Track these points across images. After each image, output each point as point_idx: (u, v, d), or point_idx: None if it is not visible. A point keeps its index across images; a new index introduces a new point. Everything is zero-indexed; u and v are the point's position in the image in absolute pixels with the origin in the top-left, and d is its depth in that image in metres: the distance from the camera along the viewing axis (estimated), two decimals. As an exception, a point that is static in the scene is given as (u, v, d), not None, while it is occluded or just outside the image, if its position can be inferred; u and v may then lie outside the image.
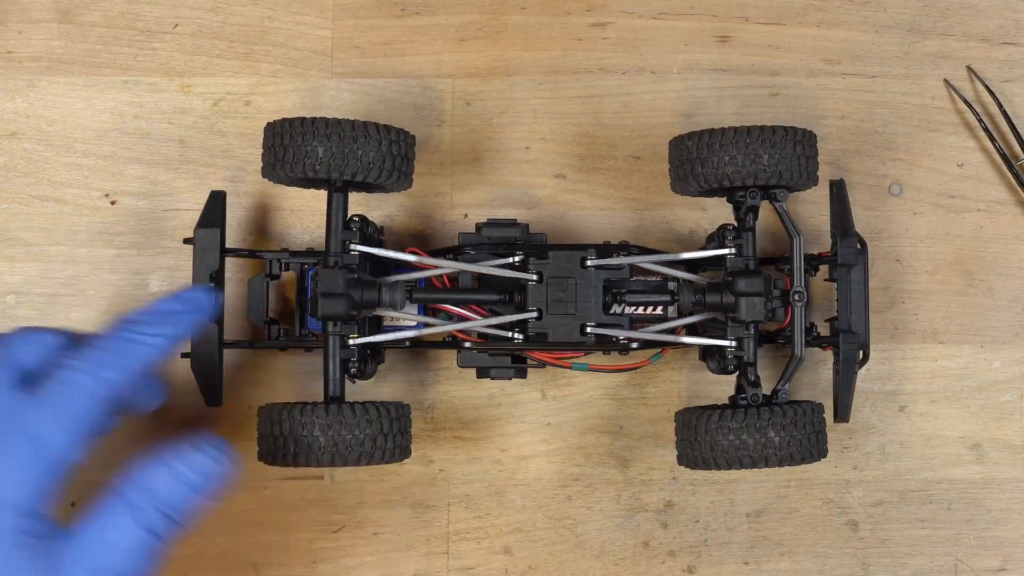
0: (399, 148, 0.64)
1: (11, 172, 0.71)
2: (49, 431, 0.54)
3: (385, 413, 0.62)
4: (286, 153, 0.62)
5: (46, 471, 0.54)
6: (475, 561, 0.70)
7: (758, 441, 0.62)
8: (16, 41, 0.72)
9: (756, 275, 0.64)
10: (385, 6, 0.72)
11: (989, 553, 0.70)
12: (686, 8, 0.73)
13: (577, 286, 0.64)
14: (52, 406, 0.54)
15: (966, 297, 0.71)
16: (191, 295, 0.60)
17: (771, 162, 0.63)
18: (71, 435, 0.54)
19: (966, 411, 0.71)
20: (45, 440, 0.54)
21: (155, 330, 0.57)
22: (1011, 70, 0.73)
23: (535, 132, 0.72)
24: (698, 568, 0.70)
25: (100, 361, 0.56)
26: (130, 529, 0.54)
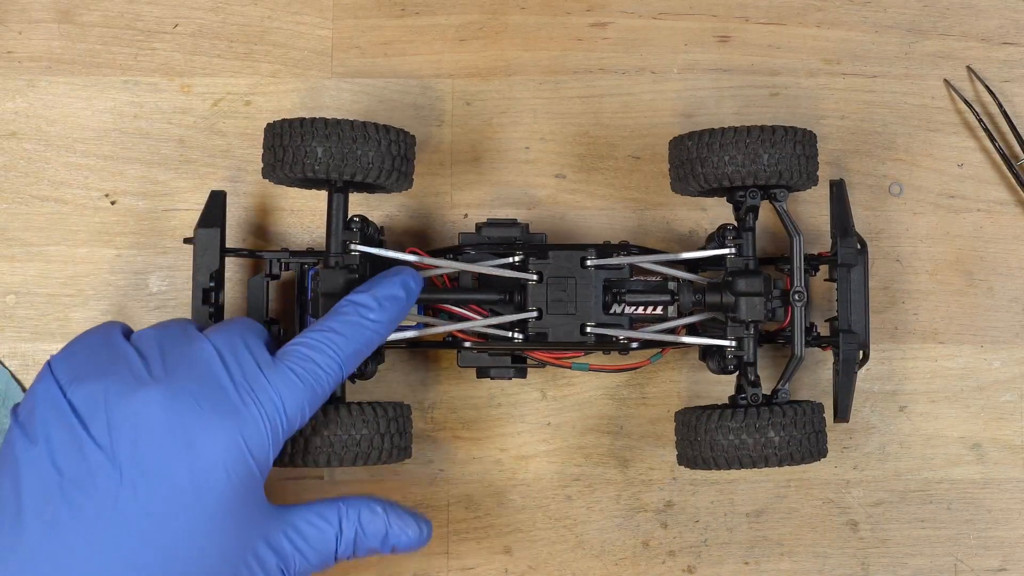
0: (398, 148, 0.64)
1: (11, 172, 0.71)
2: (290, 400, 0.56)
3: (382, 413, 0.62)
4: (285, 154, 0.62)
5: (281, 441, 0.57)
6: (475, 561, 0.70)
7: (758, 441, 0.62)
8: (16, 41, 0.72)
9: (756, 275, 0.64)
10: (385, 6, 0.72)
11: (989, 553, 0.70)
12: (686, 8, 0.73)
13: (577, 286, 0.64)
14: (298, 378, 0.57)
15: (966, 297, 0.71)
16: (406, 280, 0.61)
17: (771, 162, 0.63)
18: (305, 409, 0.57)
19: (966, 411, 0.71)
20: (285, 408, 0.56)
21: (379, 315, 0.60)
22: (1011, 70, 0.73)
23: (535, 132, 0.72)
24: (698, 568, 0.70)
25: (337, 341, 0.58)
26: (326, 548, 0.59)
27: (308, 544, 0.58)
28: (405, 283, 0.61)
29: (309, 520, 0.58)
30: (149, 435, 0.54)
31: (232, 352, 0.57)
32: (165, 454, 0.54)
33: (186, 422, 0.54)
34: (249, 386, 0.56)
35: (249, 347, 0.58)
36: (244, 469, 0.55)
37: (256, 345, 0.58)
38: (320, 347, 0.58)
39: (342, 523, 0.59)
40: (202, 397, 0.55)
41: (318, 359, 0.58)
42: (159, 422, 0.54)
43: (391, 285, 0.61)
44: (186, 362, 0.56)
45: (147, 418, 0.54)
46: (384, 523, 0.59)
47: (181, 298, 0.70)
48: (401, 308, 0.61)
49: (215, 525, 0.54)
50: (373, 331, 0.60)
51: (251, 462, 0.55)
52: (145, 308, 0.70)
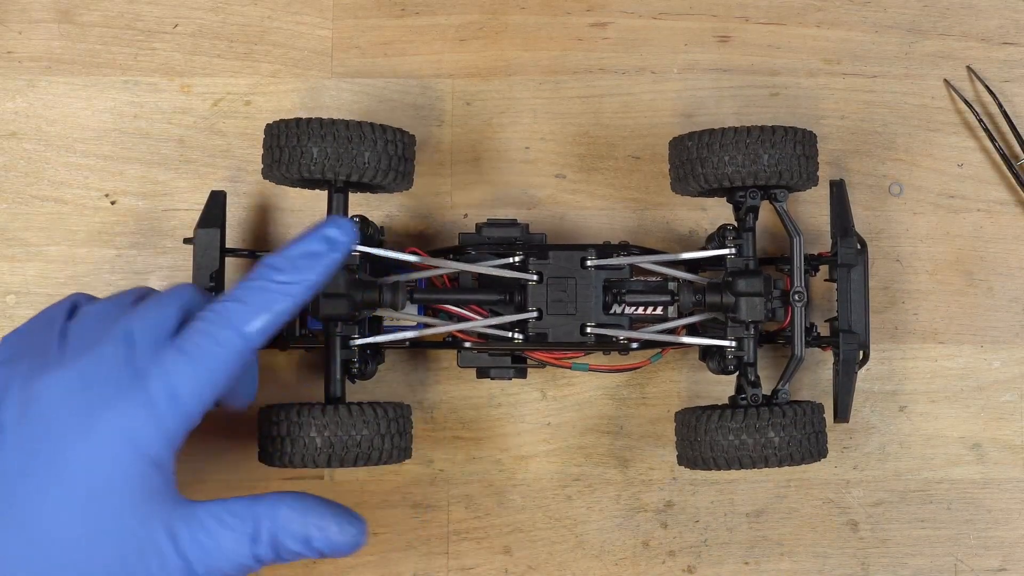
0: (396, 148, 0.64)
1: (11, 172, 0.71)
2: (181, 383, 0.52)
3: (383, 414, 0.62)
4: (283, 154, 0.62)
5: (178, 426, 0.52)
6: (475, 561, 0.70)
7: (758, 441, 0.62)
8: (16, 41, 0.72)
9: (756, 275, 0.64)
10: (385, 6, 0.72)
11: (989, 553, 0.70)
12: (686, 8, 0.73)
13: (577, 286, 0.64)
14: (189, 357, 0.52)
15: (966, 297, 0.72)
16: (326, 232, 0.55)
17: (771, 162, 0.63)
18: (204, 391, 0.53)
19: (966, 411, 0.71)
20: (181, 393, 0.52)
21: (291, 276, 0.54)
22: (1011, 70, 0.73)
23: (535, 132, 0.72)
24: (698, 568, 0.70)
25: (237, 311, 0.53)
26: (241, 550, 0.53)
27: (218, 545, 0.52)
28: (325, 236, 0.55)
29: (220, 519, 0.53)
30: (41, 422, 0.51)
31: (142, 332, 0.53)
32: (54, 442, 0.51)
33: (74, 410, 0.51)
34: (137, 371, 0.52)
35: (159, 325, 0.54)
36: (134, 459, 0.51)
37: (167, 321, 0.54)
38: (217, 320, 0.53)
39: (258, 524, 0.53)
40: (95, 383, 0.52)
41: (215, 333, 0.53)
42: (51, 409, 0.52)
43: (307, 240, 0.55)
44: (98, 345, 0.53)
45: (41, 405, 0.52)
46: (303, 524, 0.54)
47: (181, 298, 0.70)
48: (323, 264, 0.55)
49: (108, 518, 0.51)
50: (282, 294, 0.54)
51: (142, 451, 0.51)
52: (145, 308, 0.70)
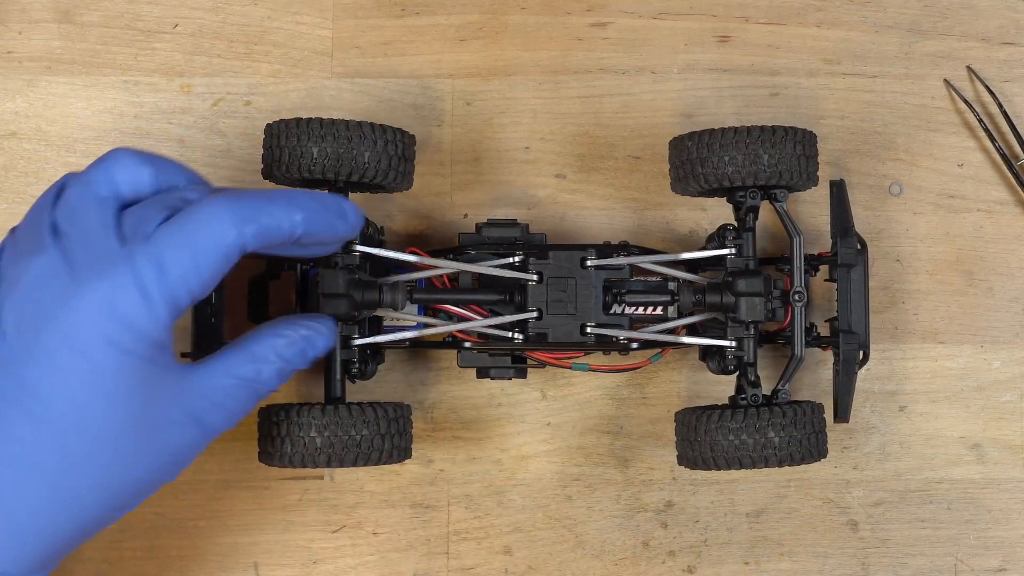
0: (396, 148, 0.64)
1: (11, 172, 0.71)
2: (175, 265, 0.52)
3: (383, 414, 0.62)
4: (283, 154, 0.62)
5: (165, 302, 0.52)
6: (475, 561, 0.70)
7: (758, 441, 0.62)
8: (16, 41, 0.72)
9: (756, 275, 0.64)
10: (385, 6, 0.72)
11: (989, 553, 0.70)
12: (686, 8, 0.73)
13: (577, 286, 0.64)
14: (178, 240, 0.52)
15: (966, 297, 0.72)
16: (343, 208, 0.58)
17: (771, 162, 0.63)
18: (191, 274, 0.52)
19: (966, 411, 0.71)
20: (169, 271, 0.52)
21: (291, 210, 0.55)
22: (1011, 70, 0.73)
23: (535, 132, 0.72)
24: (698, 568, 0.70)
25: (233, 208, 0.53)
26: (248, 395, 0.56)
27: (228, 398, 0.55)
28: (342, 209, 0.58)
29: (226, 374, 0.55)
30: (31, 311, 0.51)
31: (132, 210, 0.54)
32: (43, 331, 0.51)
33: (58, 293, 0.51)
34: (120, 245, 0.52)
35: (152, 203, 0.54)
36: (123, 336, 0.51)
37: (160, 200, 0.54)
38: (211, 212, 0.53)
39: (260, 367, 0.56)
40: (75, 264, 0.52)
41: (205, 211, 0.53)
42: (37, 295, 0.52)
43: (325, 197, 0.57)
44: (85, 225, 0.53)
45: (29, 292, 0.52)
46: (301, 344, 0.58)
47: (181, 298, 0.70)
48: (326, 222, 0.56)
49: (111, 399, 0.52)
50: (277, 216, 0.54)
51: (128, 327, 0.51)
52: (145, 308, 0.70)
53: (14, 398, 0.52)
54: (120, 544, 0.69)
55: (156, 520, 0.69)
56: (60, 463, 0.52)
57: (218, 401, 0.55)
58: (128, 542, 0.69)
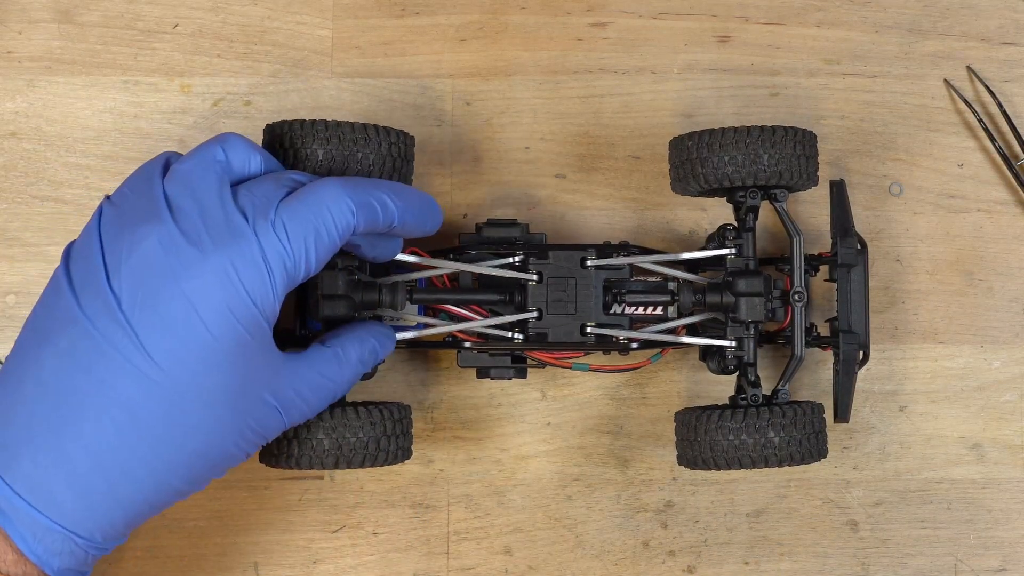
0: (399, 150, 0.64)
1: (11, 172, 0.71)
2: (293, 233, 0.54)
3: (388, 415, 0.62)
4: (286, 155, 0.62)
5: (274, 276, 0.54)
6: (475, 561, 0.70)
7: (758, 441, 0.62)
8: (16, 41, 0.72)
9: (756, 275, 0.64)
10: (385, 6, 0.72)
11: (989, 553, 0.70)
12: (686, 8, 0.73)
13: (577, 286, 0.64)
14: (298, 219, 0.55)
15: (966, 297, 0.72)
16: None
17: (771, 162, 0.63)
18: (306, 246, 0.55)
19: (966, 411, 0.71)
20: (289, 240, 0.54)
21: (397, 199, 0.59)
22: (1011, 70, 0.73)
23: (535, 132, 0.72)
24: (698, 568, 0.70)
25: (346, 187, 0.57)
26: (336, 389, 0.59)
27: (311, 393, 0.58)
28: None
29: (314, 369, 0.58)
30: (150, 277, 0.53)
31: (248, 187, 0.55)
32: (163, 296, 0.52)
33: (181, 261, 0.53)
34: (244, 219, 0.54)
35: (267, 183, 0.56)
36: (241, 307, 0.53)
37: (275, 179, 0.56)
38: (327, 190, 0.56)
39: (343, 370, 0.59)
40: (198, 235, 0.53)
41: (326, 191, 0.56)
42: (157, 262, 0.53)
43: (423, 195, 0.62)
44: (203, 199, 0.54)
45: (148, 259, 0.53)
46: (376, 351, 0.61)
47: (181, 298, 0.70)
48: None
49: (222, 368, 0.53)
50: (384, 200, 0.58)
51: (247, 298, 0.53)
52: (145, 308, 0.70)
53: (128, 361, 0.52)
54: (120, 544, 0.69)
55: (156, 520, 0.69)
56: (166, 429, 0.53)
57: (303, 394, 0.57)
58: (128, 542, 0.69)
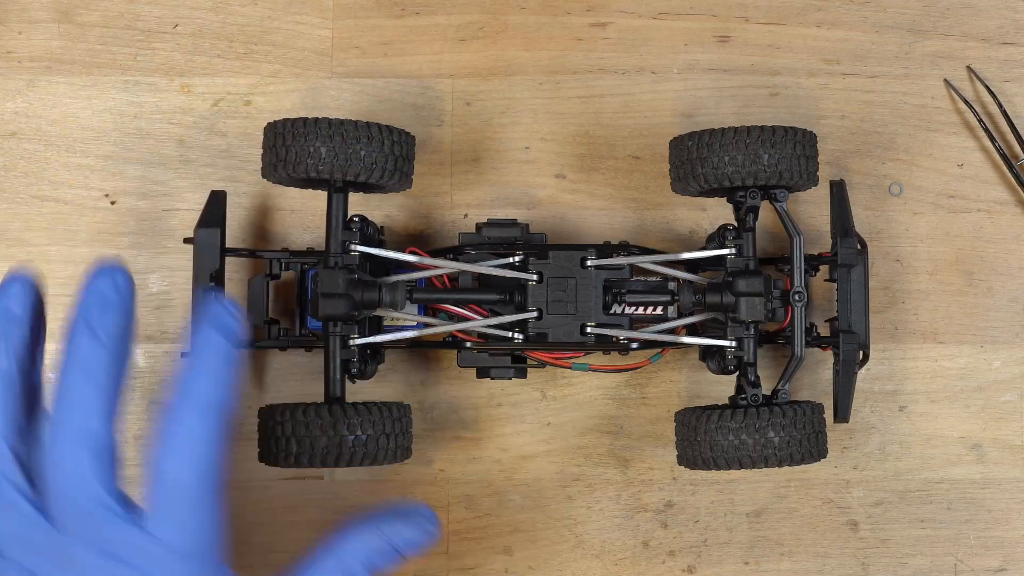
0: (400, 149, 0.64)
1: (11, 172, 0.71)
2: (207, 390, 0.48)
3: (387, 414, 0.62)
4: (288, 153, 0.62)
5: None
6: (475, 561, 0.70)
7: (758, 441, 0.62)
8: (16, 41, 0.72)
9: (756, 275, 0.64)
10: (385, 6, 0.72)
11: (989, 553, 0.70)
12: (686, 8, 0.73)
13: (577, 286, 0.64)
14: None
15: (966, 297, 0.72)
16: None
17: (771, 162, 0.63)
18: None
19: (966, 411, 0.71)
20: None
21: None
22: (1011, 70, 0.73)
23: (535, 132, 0.72)
24: (698, 568, 0.70)
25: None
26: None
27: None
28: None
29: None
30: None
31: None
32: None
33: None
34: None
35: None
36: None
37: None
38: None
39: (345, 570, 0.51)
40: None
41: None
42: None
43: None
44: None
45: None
46: (391, 548, 0.52)
47: (181, 298, 0.70)
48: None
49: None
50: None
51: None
52: (145, 308, 0.70)
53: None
54: None
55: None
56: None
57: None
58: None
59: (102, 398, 0.47)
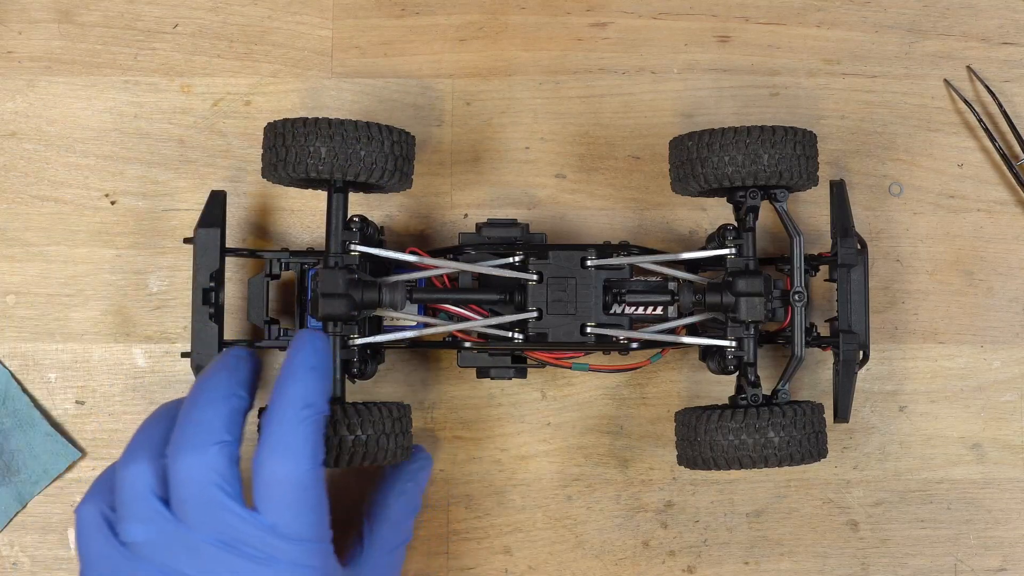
0: (400, 149, 0.64)
1: (11, 172, 0.71)
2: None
3: (387, 413, 0.62)
4: (288, 153, 0.62)
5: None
6: (475, 561, 0.70)
7: (758, 441, 0.62)
8: (16, 41, 0.72)
9: (756, 275, 0.64)
10: (385, 6, 0.72)
11: (989, 553, 0.70)
12: (686, 8, 0.73)
13: (577, 286, 0.64)
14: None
15: (966, 297, 0.72)
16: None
17: (771, 162, 0.63)
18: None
19: (966, 411, 0.71)
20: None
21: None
22: (1011, 70, 0.73)
23: (535, 132, 0.72)
24: (698, 568, 0.70)
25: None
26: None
27: (392, 570, 0.65)
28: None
29: (385, 551, 0.64)
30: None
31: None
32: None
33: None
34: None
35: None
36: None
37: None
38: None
39: (405, 536, 0.65)
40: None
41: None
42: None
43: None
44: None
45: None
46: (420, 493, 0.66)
47: (181, 298, 0.70)
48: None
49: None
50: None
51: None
52: (145, 308, 0.70)
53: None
54: None
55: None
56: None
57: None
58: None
59: (223, 415, 0.57)
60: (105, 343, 0.70)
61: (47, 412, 0.70)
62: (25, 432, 0.69)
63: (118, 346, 0.70)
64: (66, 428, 0.70)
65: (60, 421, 0.70)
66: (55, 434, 0.69)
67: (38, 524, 0.69)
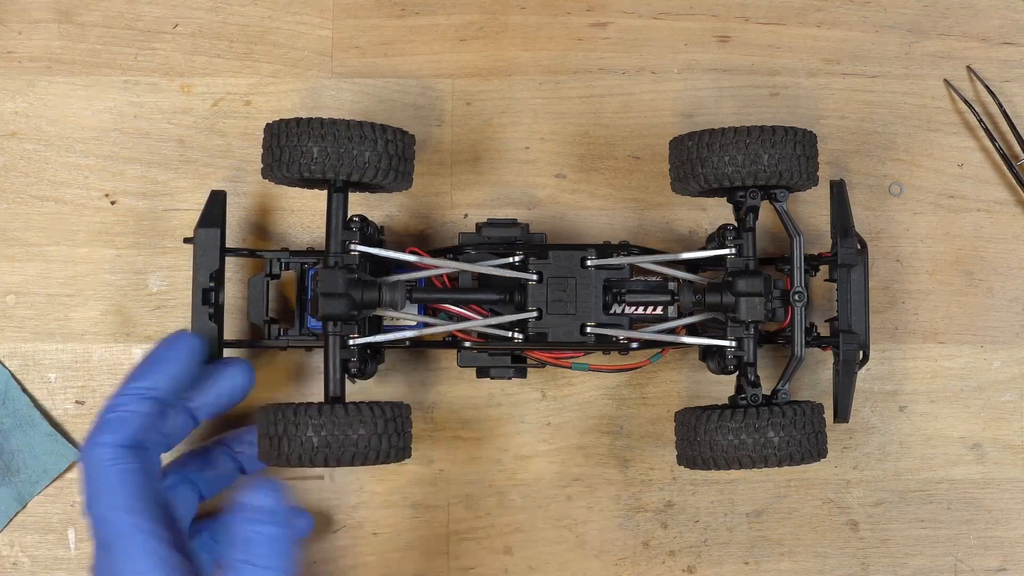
0: (396, 148, 0.63)
1: (11, 172, 0.71)
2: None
3: (380, 413, 0.62)
4: (283, 153, 0.62)
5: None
6: (475, 561, 0.70)
7: (757, 441, 0.62)
8: (16, 41, 0.72)
9: (756, 275, 0.64)
10: (385, 6, 0.72)
11: (989, 553, 0.70)
12: (686, 8, 0.73)
13: (577, 286, 0.64)
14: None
15: (966, 297, 0.71)
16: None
17: (771, 162, 0.63)
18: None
19: (966, 411, 0.71)
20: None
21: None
22: (1011, 70, 0.73)
23: (535, 132, 0.72)
24: (698, 568, 0.70)
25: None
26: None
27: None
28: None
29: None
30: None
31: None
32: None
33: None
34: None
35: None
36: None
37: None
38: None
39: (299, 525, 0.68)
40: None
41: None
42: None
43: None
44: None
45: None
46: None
47: (181, 298, 0.70)
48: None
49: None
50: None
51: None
52: (145, 308, 0.70)
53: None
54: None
55: (156, 520, 0.69)
56: None
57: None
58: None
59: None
60: (105, 343, 0.70)
61: (47, 412, 0.70)
62: (25, 432, 0.69)
63: (118, 346, 0.70)
64: (66, 428, 0.70)
65: (60, 421, 0.70)
66: (55, 434, 0.69)
67: (38, 524, 0.70)
